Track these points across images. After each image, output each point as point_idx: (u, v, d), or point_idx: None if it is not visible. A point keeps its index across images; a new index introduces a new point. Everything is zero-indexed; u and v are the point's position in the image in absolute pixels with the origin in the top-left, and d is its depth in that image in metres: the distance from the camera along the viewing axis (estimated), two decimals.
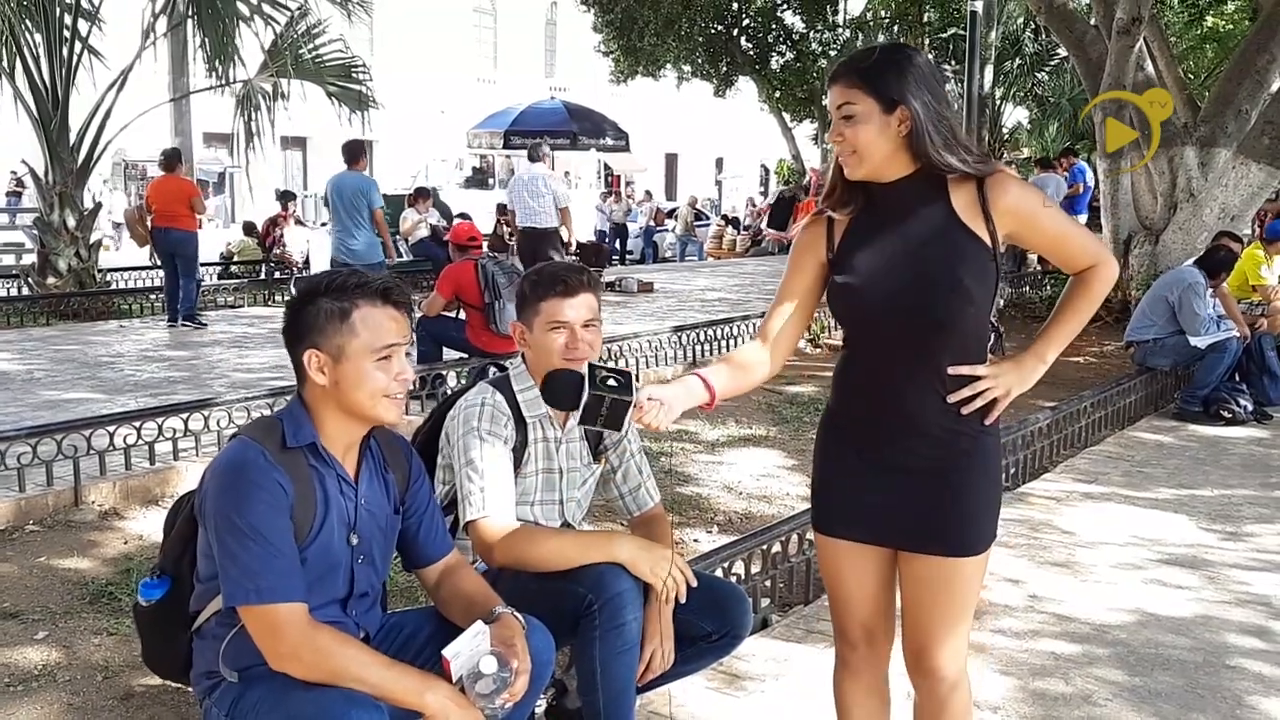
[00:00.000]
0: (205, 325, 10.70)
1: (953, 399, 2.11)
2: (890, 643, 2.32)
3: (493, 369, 3.06)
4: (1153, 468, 5.91)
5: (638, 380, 2.09)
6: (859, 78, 2.08)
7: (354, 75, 12.85)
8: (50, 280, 11.90)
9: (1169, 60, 11.71)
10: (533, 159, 10.74)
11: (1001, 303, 9.28)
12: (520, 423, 2.62)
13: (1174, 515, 5.04)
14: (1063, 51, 17.31)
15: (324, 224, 14.74)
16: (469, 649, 2.01)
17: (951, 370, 2.10)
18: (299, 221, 14.92)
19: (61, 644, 3.64)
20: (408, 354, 2.21)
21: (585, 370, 2.06)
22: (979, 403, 2.12)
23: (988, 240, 2.09)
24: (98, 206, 12.65)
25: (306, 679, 1.99)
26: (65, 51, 11.73)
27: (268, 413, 5.69)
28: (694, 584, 2.48)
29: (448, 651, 2.00)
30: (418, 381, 5.99)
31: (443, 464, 2.66)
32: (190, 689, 2.33)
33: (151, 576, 2.30)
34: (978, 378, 2.12)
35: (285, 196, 14.88)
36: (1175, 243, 10.57)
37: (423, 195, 14.63)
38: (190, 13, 11.88)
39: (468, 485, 2.51)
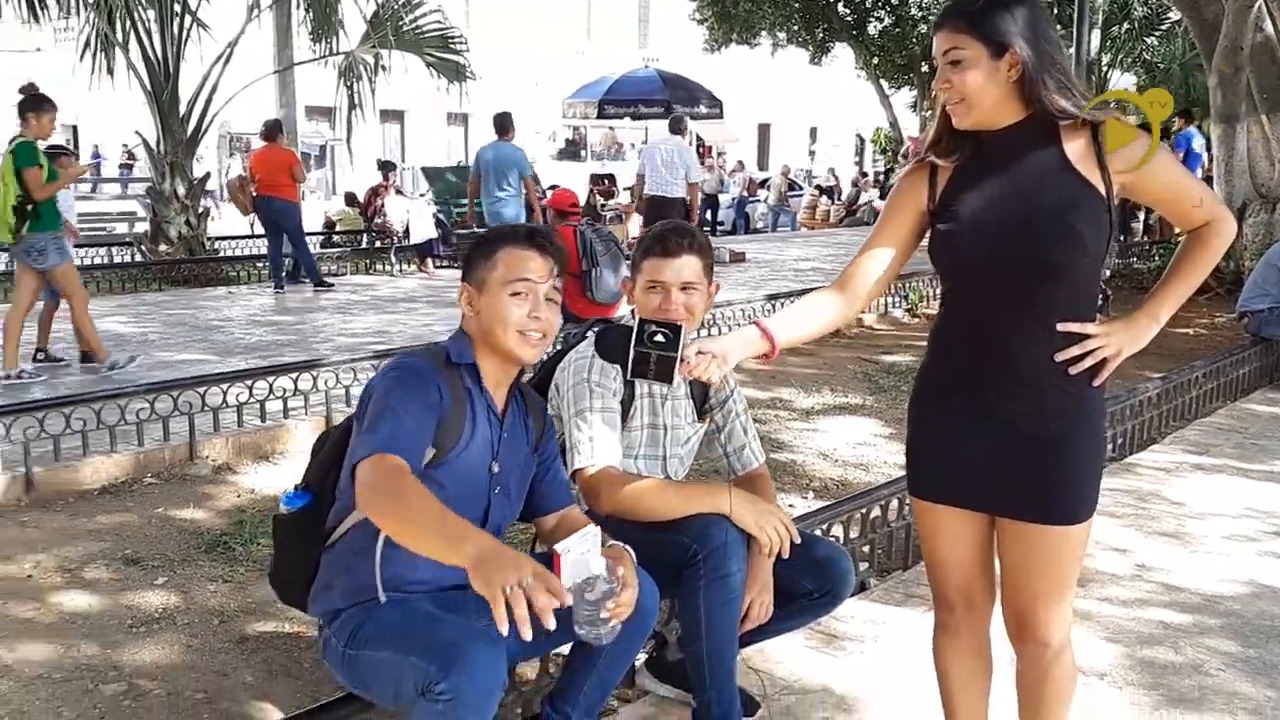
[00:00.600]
0: (333, 286, 11.10)
1: (1060, 357, 2.04)
2: (990, 606, 2.28)
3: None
4: (1267, 440, 5.71)
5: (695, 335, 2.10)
6: (966, 21, 2.01)
7: (452, 46, 13.02)
8: (162, 247, 12.33)
9: None
10: (673, 130, 11.12)
11: (1108, 272, 9.01)
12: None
13: None
14: (1174, 15, 16.73)
15: (423, 194, 14.95)
16: (579, 547, 1.96)
17: (1061, 327, 2.03)
18: (399, 191, 15.14)
19: (180, 589, 3.80)
20: (550, 300, 2.29)
21: (635, 325, 2.10)
22: (1088, 362, 2.05)
23: (1102, 189, 2.02)
24: (207, 176, 13.03)
25: (372, 501, 1.99)
26: (176, 26, 12.08)
27: (373, 374, 5.90)
28: (798, 541, 2.48)
29: (560, 546, 1.96)
30: None
31: (553, 414, 2.70)
32: (306, 614, 2.43)
33: (294, 489, 2.40)
34: (1087, 336, 2.05)
35: (386, 166, 15.12)
36: None
37: None
38: None
39: (576, 434, 2.55)
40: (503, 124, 10.09)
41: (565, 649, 2.48)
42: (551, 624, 1.71)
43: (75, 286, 6.73)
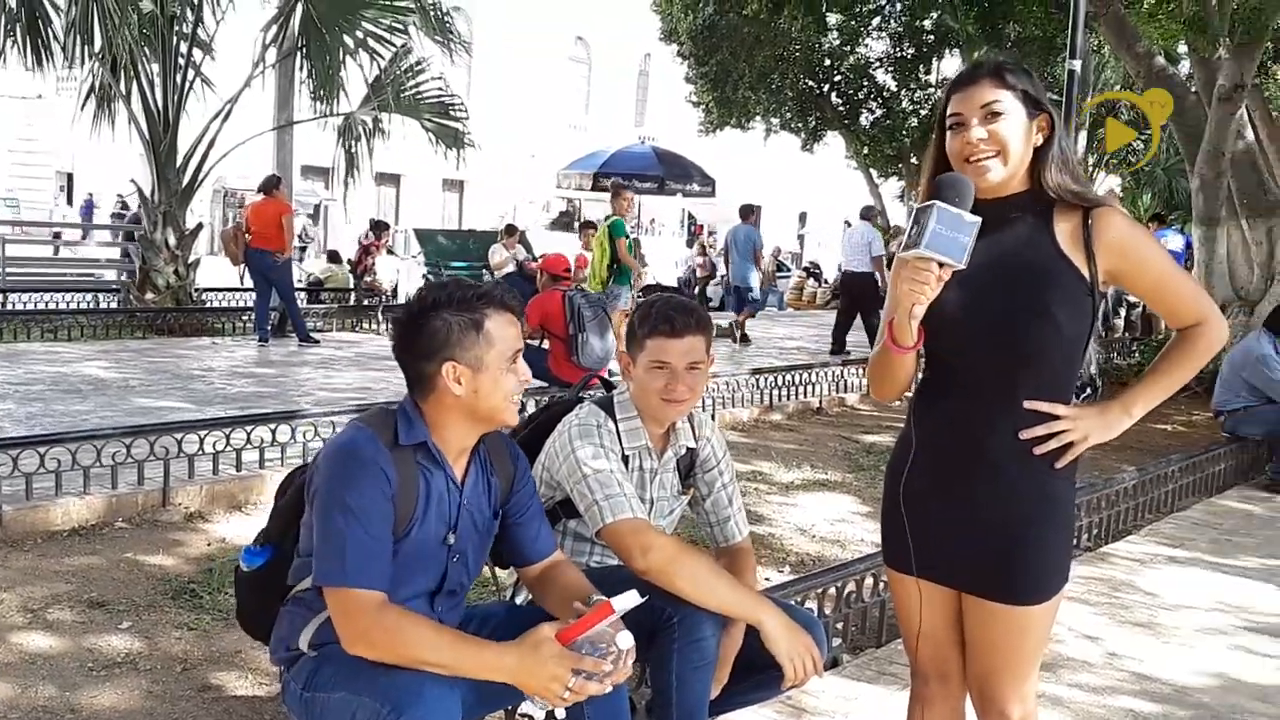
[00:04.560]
0: (318, 341, 11.16)
1: (1025, 435, 2.04)
2: (964, 676, 2.27)
3: (590, 391, 3.06)
4: (1242, 537, 5.74)
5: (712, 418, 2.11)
6: (1009, 76, 2.06)
7: (452, 113, 13.20)
8: (149, 295, 12.34)
9: (1271, 129, 11.53)
10: (864, 217, 13.16)
11: (1094, 367, 9.10)
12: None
13: (1262, 585, 4.88)
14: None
15: (414, 255, 15.07)
16: (621, 610, 2.00)
17: (1029, 405, 2.04)
18: (390, 251, 15.25)
19: (144, 635, 3.74)
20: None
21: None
22: (1053, 444, 2.05)
23: (1086, 274, 2.03)
24: (199, 227, 13.10)
25: (380, 661, 2.03)
26: (179, 78, 12.25)
27: None
28: (821, 677, 2.45)
29: (616, 604, 2.00)
30: None
31: (546, 479, 2.65)
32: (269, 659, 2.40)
33: (256, 544, 2.38)
34: (1056, 417, 2.05)
35: (379, 226, 15.25)
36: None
37: (511, 233, 14.90)
38: (300, 44, 12.32)
39: (590, 495, 2.48)
40: (745, 210, 13.16)
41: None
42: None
43: None
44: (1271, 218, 10.47)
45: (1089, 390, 8.12)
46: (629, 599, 2.00)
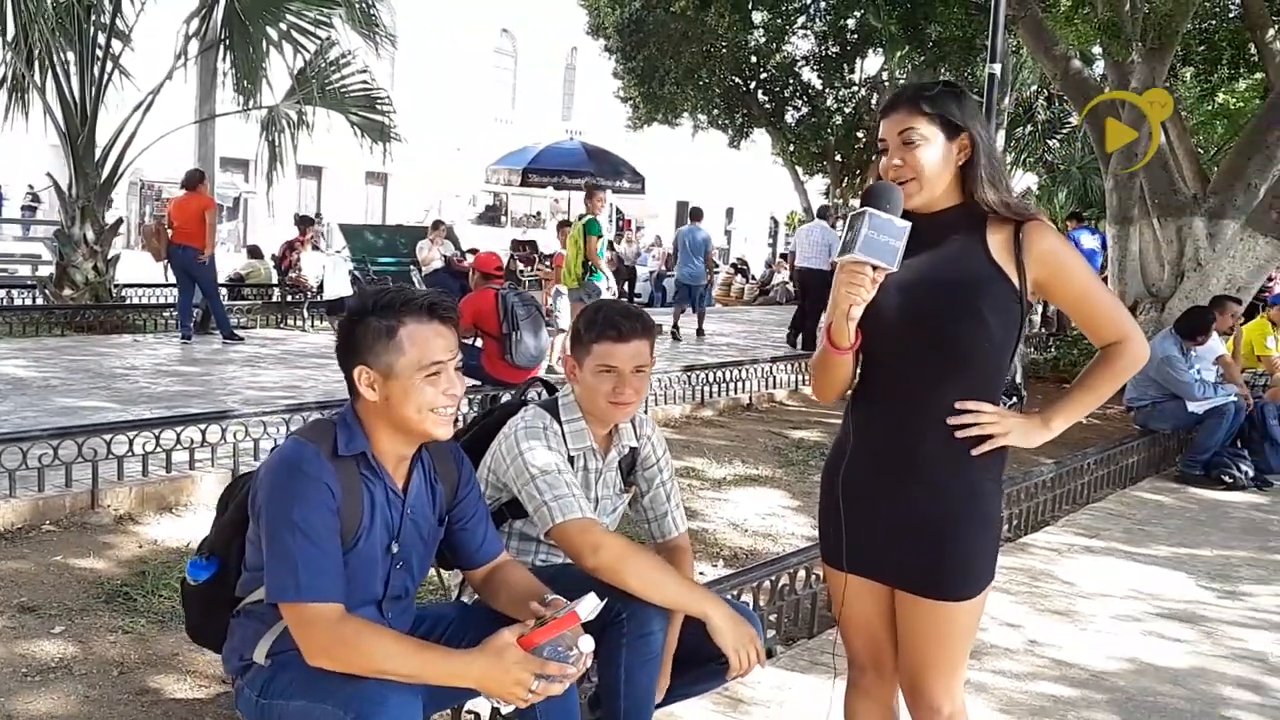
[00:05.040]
0: (243, 339, 11.04)
1: (951, 420, 2.13)
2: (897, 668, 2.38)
3: (532, 392, 3.11)
4: (1153, 526, 5.98)
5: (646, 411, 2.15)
6: (924, 104, 2.14)
7: (378, 107, 13.07)
8: (67, 292, 12.04)
9: (1181, 132, 11.91)
10: (821, 216, 14.07)
11: (1019, 375, 9.36)
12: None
13: (1173, 572, 5.10)
14: (1074, 120, 17.60)
15: (338, 251, 14.90)
16: (584, 616, 2.06)
17: (959, 404, 2.13)
18: (315, 247, 15.05)
19: (78, 639, 3.70)
20: (457, 369, 2.24)
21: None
22: (974, 431, 2.14)
23: (1015, 283, 2.13)
24: (118, 222, 12.81)
25: (328, 663, 2.05)
26: (96, 70, 11.96)
27: (284, 428, 5.84)
28: (764, 667, 2.52)
29: (580, 610, 2.05)
30: None
31: (491, 478, 2.69)
32: (221, 666, 2.40)
33: (200, 557, 2.38)
34: (982, 412, 2.14)
35: (304, 221, 15.02)
36: (1181, 311, 10.67)
37: (437, 227, 14.80)
38: (223, 36, 12.12)
39: (539, 495, 2.52)
40: (696, 213, 14.28)
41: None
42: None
43: None
44: (1181, 217, 10.84)
45: (1014, 398, 8.38)
46: (591, 605, 2.05)
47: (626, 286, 21.78)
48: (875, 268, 2.03)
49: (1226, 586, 4.94)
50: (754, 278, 24.44)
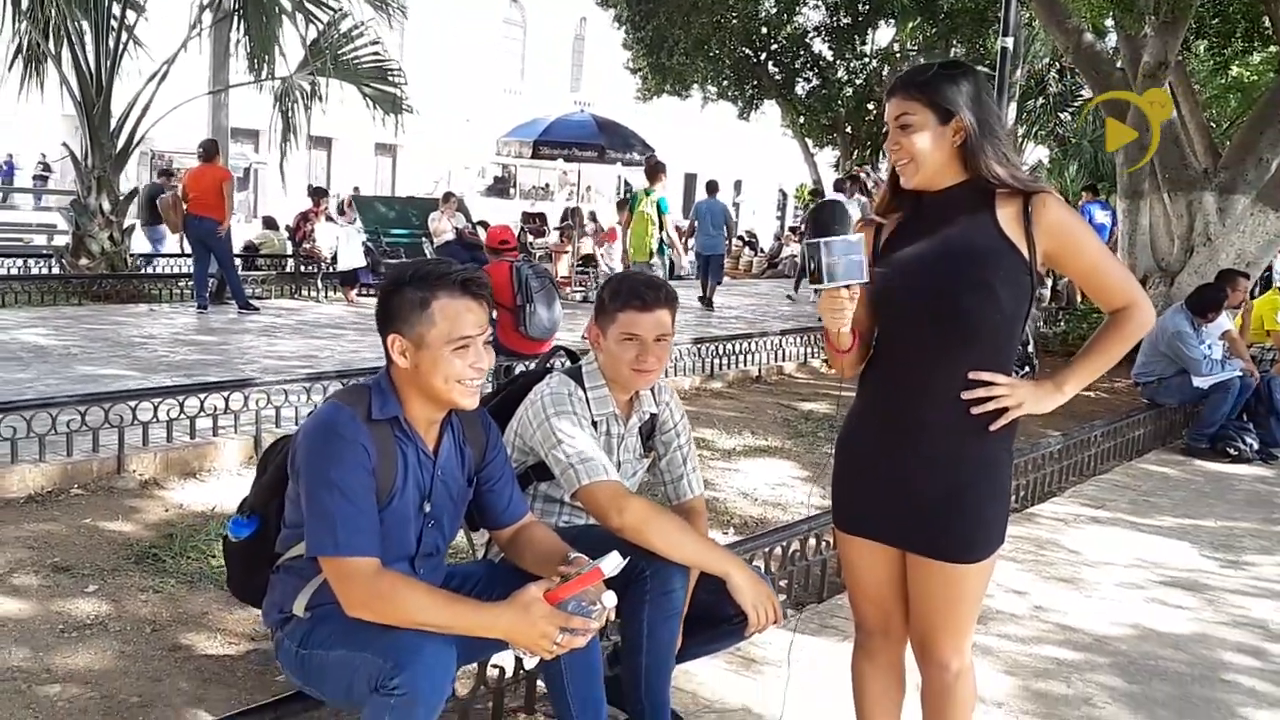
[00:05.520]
0: (258, 309, 11.16)
1: (967, 396, 2.20)
2: (905, 629, 2.47)
3: (555, 361, 3.21)
4: (1158, 498, 6.07)
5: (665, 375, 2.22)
6: (917, 90, 2.22)
7: (390, 78, 13.11)
8: (83, 261, 12.15)
9: (1193, 106, 11.91)
10: (838, 189, 14.82)
11: (1030, 345, 9.43)
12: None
13: (1177, 542, 5.20)
14: (1086, 93, 17.54)
15: (352, 222, 14.96)
16: (608, 571, 2.15)
17: (973, 375, 2.20)
18: (329, 218, 15.13)
19: (110, 598, 3.82)
20: (486, 344, 2.33)
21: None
22: (989, 406, 2.21)
23: (1025, 254, 2.20)
24: (134, 192, 12.90)
25: (364, 614, 2.15)
26: (111, 40, 12.01)
27: (304, 396, 5.95)
28: (779, 623, 2.63)
29: (605, 566, 2.13)
30: None
31: (519, 445, 2.79)
32: (260, 620, 2.51)
33: (241, 515, 2.49)
34: (994, 384, 2.21)
35: (317, 193, 15.08)
36: (1190, 285, 10.67)
37: (448, 200, 14.86)
38: (237, 6, 12.15)
39: (564, 459, 2.61)
40: (711, 187, 14.82)
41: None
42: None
43: None
44: (1191, 191, 10.86)
45: (1026, 368, 8.45)
46: (614, 562, 2.15)
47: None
48: (848, 286, 2.13)
49: (1229, 556, 5.03)
50: (762, 251, 24.42)
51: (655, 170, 11.13)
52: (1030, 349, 9.20)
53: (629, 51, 22.85)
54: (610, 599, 2.15)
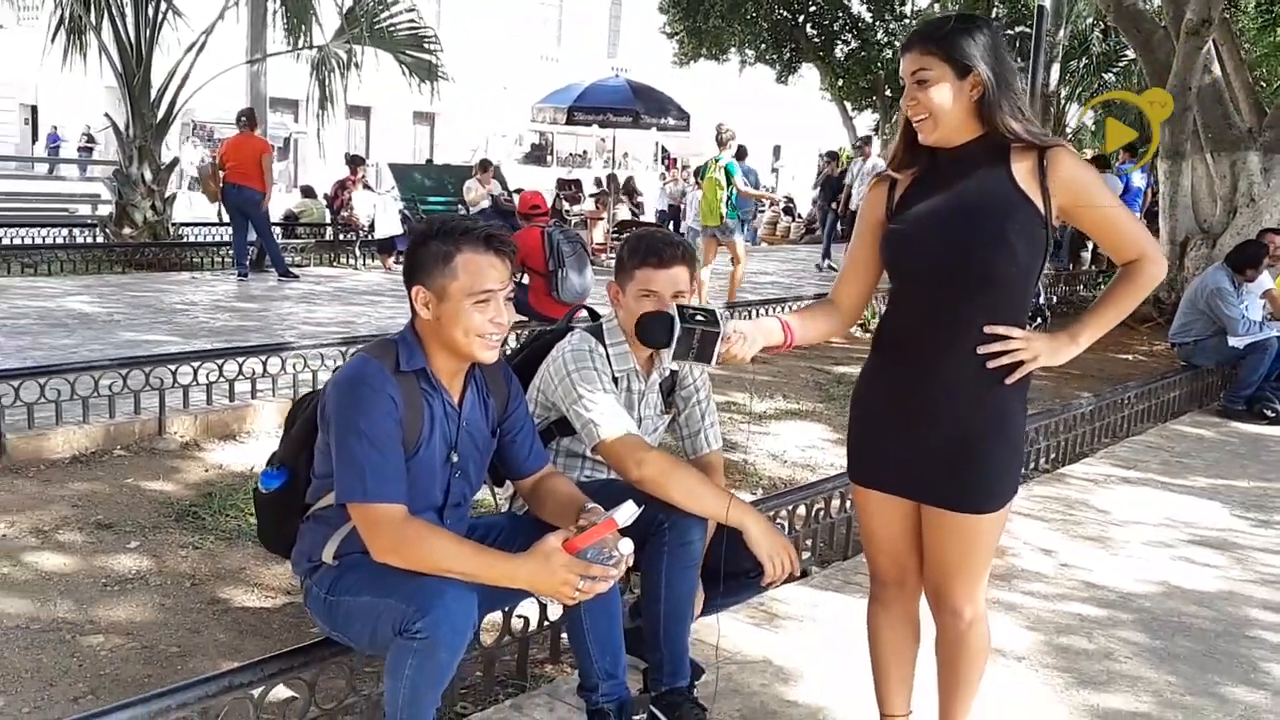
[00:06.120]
0: (297, 276, 11.31)
1: (982, 349, 2.22)
2: (920, 584, 2.50)
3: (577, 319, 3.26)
4: (1191, 459, 6.03)
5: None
6: (934, 44, 2.21)
7: (425, 46, 13.15)
8: (126, 230, 12.35)
9: (1238, 64, 11.69)
10: (858, 151, 15.15)
11: (1043, 297, 9.36)
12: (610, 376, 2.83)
13: (1208, 502, 5.17)
14: (1130, 53, 17.23)
15: (388, 190, 15.07)
16: (622, 521, 2.21)
17: (988, 328, 2.22)
18: (367, 186, 15.25)
19: (151, 554, 3.94)
20: (508, 300, 2.39)
21: (674, 310, 2.25)
22: (1005, 360, 2.23)
23: (1040, 207, 2.20)
24: (174, 161, 13.07)
25: (406, 568, 2.22)
26: (150, 10, 12.13)
27: (340, 360, 6.05)
28: (798, 573, 2.66)
29: (618, 517, 2.19)
30: None
31: (541, 401, 2.84)
32: (291, 571, 2.59)
33: (270, 467, 2.57)
34: (1010, 337, 2.23)
35: (355, 161, 15.21)
36: (1232, 247, 10.57)
37: (484, 167, 14.91)
38: None
39: (585, 414, 2.66)
40: (740, 151, 13.86)
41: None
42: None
43: None
44: (1235, 152, 10.67)
45: (1039, 319, 8.39)
46: (629, 511, 2.20)
47: (671, 225, 21.83)
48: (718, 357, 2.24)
49: (1261, 516, 5.00)
50: (800, 216, 24.28)
51: (723, 140, 11.30)
52: (1041, 300, 9.14)
53: (665, 15, 22.73)
54: (627, 546, 2.21)
